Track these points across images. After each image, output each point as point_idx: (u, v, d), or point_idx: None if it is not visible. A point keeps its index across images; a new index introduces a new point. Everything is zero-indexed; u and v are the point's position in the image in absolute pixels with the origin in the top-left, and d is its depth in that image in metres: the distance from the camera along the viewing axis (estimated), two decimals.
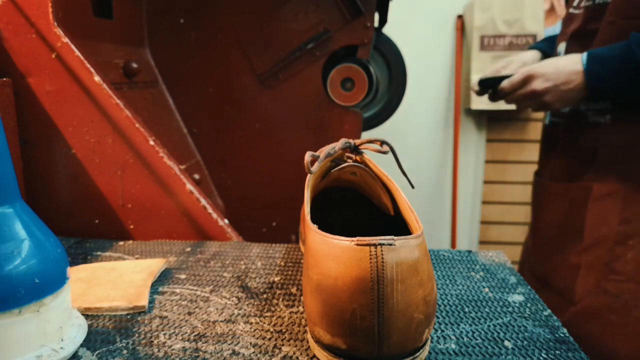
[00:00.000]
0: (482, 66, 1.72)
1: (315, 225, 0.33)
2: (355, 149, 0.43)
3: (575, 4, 0.80)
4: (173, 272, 0.49)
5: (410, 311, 0.29)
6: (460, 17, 1.79)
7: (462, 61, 1.80)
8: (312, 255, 0.32)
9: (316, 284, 0.31)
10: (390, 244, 0.29)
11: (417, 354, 0.31)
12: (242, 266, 0.50)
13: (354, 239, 0.29)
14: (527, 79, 0.73)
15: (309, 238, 0.34)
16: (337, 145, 0.42)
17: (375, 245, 0.28)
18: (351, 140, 0.43)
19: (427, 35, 1.81)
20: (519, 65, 0.88)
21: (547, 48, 0.91)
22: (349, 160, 0.44)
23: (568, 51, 0.77)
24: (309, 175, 0.41)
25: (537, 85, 0.71)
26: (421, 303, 0.30)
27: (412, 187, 0.44)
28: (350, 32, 0.82)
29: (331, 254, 0.30)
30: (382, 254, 0.28)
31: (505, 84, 0.76)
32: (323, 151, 0.42)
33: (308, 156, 0.39)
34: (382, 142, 0.41)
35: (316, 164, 0.40)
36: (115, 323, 0.39)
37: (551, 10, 1.76)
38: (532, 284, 0.85)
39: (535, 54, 0.91)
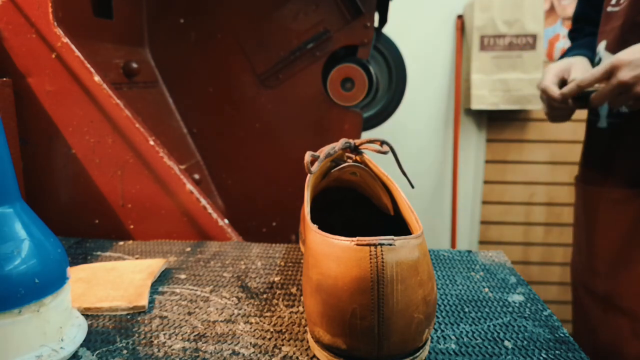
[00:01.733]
0: (482, 66, 1.72)
1: (315, 225, 0.33)
2: (355, 149, 0.43)
3: (613, 1, 0.74)
4: (173, 272, 0.49)
5: (410, 311, 0.29)
6: (460, 17, 1.79)
7: (462, 61, 1.80)
8: (312, 255, 0.32)
9: (316, 284, 0.31)
10: (390, 244, 0.29)
11: (417, 354, 0.31)
12: (242, 266, 0.50)
13: (353, 239, 0.29)
14: (612, 70, 0.63)
15: (309, 238, 0.34)
16: (337, 145, 0.42)
17: (375, 245, 0.28)
18: (351, 140, 0.43)
19: (427, 35, 1.81)
20: (582, 69, 0.76)
21: (588, 54, 0.80)
22: (349, 160, 0.44)
23: (617, 45, 0.71)
24: (309, 175, 0.41)
25: (624, 75, 0.62)
26: (421, 303, 0.30)
27: (412, 187, 0.44)
28: (350, 32, 0.82)
29: (331, 254, 0.30)
30: (382, 254, 0.28)
31: (587, 76, 0.67)
32: (323, 151, 0.42)
33: (308, 156, 0.39)
34: (382, 142, 0.41)
35: (316, 164, 0.40)
36: (115, 323, 0.39)
37: (551, 10, 1.76)
38: (594, 308, 0.76)
39: (582, 60, 0.78)
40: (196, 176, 0.84)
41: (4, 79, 0.57)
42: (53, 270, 0.34)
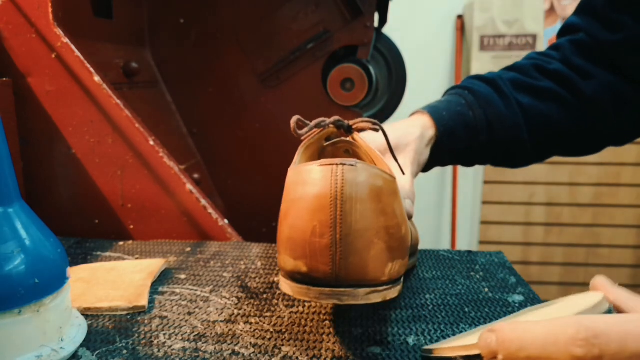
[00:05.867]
0: (482, 66, 1.72)
1: None
2: (349, 129, 0.43)
3: None
4: (173, 272, 0.49)
5: (370, 235, 0.30)
6: (460, 17, 1.79)
7: (462, 61, 1.80)
8: (285, 189, 0.33)
9: (285, 211, 0.32)
10: (352, 165, 0.30)
11: (381, 288, 0.31)
12: (242, 266, 0.50)
13: (319, 161, 0.30)
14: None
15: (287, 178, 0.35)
16: (329, 120, 0.42)
17: (337, 164, 0.30)
18: (345, 121, 0.43)
19: (427, 35, 1.81)
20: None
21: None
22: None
23: None
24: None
25: None
26: (382, 231, 0.30)
27: (403, 173, 0.44)
28: (350, 32, 0.82)
29: (299, 180, 0.31)
30: (342, 173, 0.29)
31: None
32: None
33: (295, 118, 0.40)
34: (374, 123, 0.41)
35: (305, 129, 0.40)
36: (115, 323, 0.39)
37: (551, 10, 1.76)
38: None
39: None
40: (196, 176, 0.84)
41: (4, 79, 0.57)
42: (53, 270, 0.34)
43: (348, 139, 0.44)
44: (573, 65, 0.55)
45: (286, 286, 0.33)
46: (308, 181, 0.30)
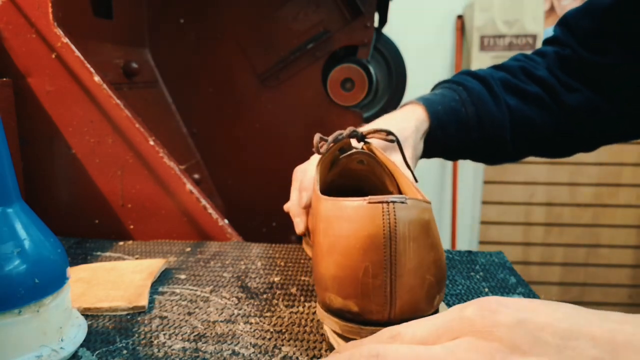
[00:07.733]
0: (482, 66, 1.72)
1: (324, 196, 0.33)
2: (362, 138, 0.43)
3: None
4: (173, 272, 0.49)
5: (422, 271, 0.29)
6: (460, 17, 1.79)
7: (462, 61, 1.80)
8: (322, 221, 0.32)
9: (328, 247, 0.31)
10: (403, 202, 0.29)
11: None
12: (242, 266, 0.50)
13: (365, 198, 0.29)
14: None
15: (319, 208, 0.34)
16: (345, 132, 0.42)
17: (387, 202, 0.29)
18: (358, 129, 0.43)
19: (427, 35, 1.81)
20: None
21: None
22: (355, 149, 0.44)
23: None
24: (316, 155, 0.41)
25: None
26: (432, 265, 0.30)
27: (416, 180, 0.44)
28: (350, 32, 0.82)
29: (343, 216, 0.30)
30: (394, 211, 0.28)
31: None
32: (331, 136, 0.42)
33: (317, 137, 0.39)
34: (388, 133, 0.41)
35: (325, 146, 0.40)
36: (115, 323, 0.39)
37: (551, 10, 1.76)
38: None
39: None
40: (196, 176, 0.84)
41: (4, 79, 0.57)
42: (53, 270, 0.34)
43: (364, 149, 0.44)
44: (557, 77, 0.57)
45: (333, 323, 0.32)
46: (355, 218, 0.29)
